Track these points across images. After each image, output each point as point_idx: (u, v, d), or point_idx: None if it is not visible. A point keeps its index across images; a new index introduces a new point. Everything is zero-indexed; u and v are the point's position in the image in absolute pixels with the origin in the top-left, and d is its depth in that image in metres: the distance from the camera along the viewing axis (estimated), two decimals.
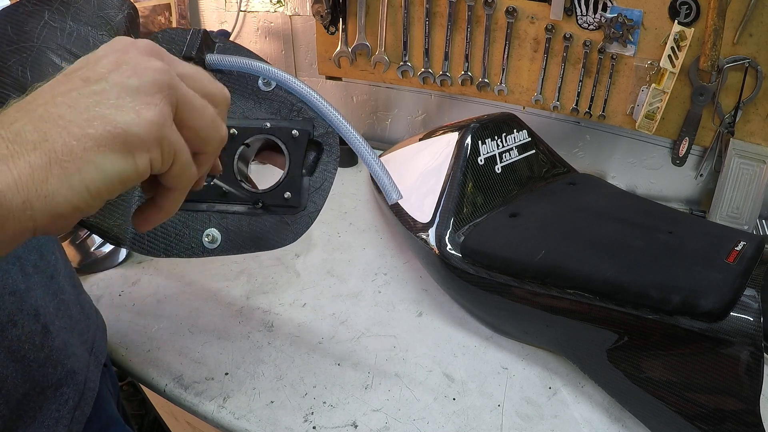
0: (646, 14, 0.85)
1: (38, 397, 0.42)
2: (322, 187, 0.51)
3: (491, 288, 0.62)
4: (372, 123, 1.25)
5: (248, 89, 0.51)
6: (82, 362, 0.48)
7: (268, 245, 0.50)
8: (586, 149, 1.06)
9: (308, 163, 0.51)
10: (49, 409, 0.43)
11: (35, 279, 0.44)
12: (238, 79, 0.51)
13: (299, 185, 0.50)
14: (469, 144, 0.74)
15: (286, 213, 0.50)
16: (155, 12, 1.23)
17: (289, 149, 0.50)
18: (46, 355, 0.43)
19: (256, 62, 0.50)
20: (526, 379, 0.61)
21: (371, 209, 0.96)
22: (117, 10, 0.50)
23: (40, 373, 0.42)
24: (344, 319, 0.69)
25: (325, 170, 0.52)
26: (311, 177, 0.51)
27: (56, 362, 0.44)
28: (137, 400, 1.24)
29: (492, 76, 1.01)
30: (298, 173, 0.50)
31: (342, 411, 0.56)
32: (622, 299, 0.52)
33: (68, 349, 0.46)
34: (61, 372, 0.44)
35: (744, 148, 0.89)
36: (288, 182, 0.50)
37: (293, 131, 0.50)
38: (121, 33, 0.49)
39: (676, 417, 0.48)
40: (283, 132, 0.51)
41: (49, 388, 0.43)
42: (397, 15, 1.01)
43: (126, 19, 0.50)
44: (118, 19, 0.49)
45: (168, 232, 0.49)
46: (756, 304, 0.46)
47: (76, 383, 0.46)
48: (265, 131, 0.50)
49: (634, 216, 0.65)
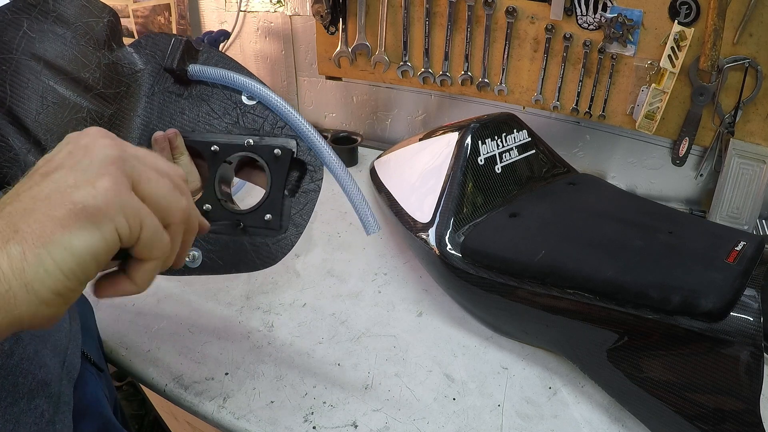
0: (646, 14, 0.85)
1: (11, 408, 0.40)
2: (304, 209, 0.49)
3: (491, 288, 0.62)
4: (372, 123, 1.25)
5: (231, 102, 0.49)
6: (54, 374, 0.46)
7: (249, 267, 0.48)
8: (586, 149, 1.06)
9: (291, 184, 0.49)
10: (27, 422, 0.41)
11: None
12: (221, 91, 0.50)
13: (280, 207, 0.48)
14: (469, 144, 0.74)
15: (266, 235, 0.48)
16: (155, 12, 1.23)
17: (271, 169, 0.48)
18: (16, 363, 0.41)
19: (238, 76, 0.48)
20: (526, 379, 0.61)
21: (371, 209, 0.96)
22: (97, 18, 0.48)
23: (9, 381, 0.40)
24: (344, 319, 0.69)
25: (309, 191, 0.49)
26: (293, 198, 0.49)
27: (26, 371, 0.42)
28: (137, 400, 1.24)
29: (492, 76, 1.01)
30: (280, 194, 0.48)
31: (342, 411, 0.56)
32: (622, 299, 0.52)
33: (40, 358, 0.44)
34: (32, 382, 0.42)
35: (744, 148, 0.89)
36: (269, 203, 0.48)
37: (275, 150, 0.48)
38: (103, 39, 0.48)
39: (676, 417, 0.48)
40: (265, 150, 0.48)
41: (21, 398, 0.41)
42: (397, 15, 1.01)
43: (106, 27, 0.49)
44: (99, 27, 0.48)
45: None
46: (756, 304, 0.46)
47: (49, 395, 0.44)
48: (247, 149, 0.48)
49: (634, 216, 0.65)
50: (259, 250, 0.48)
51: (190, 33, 1.27)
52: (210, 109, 0.49)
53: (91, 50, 0.47)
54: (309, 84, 1.27)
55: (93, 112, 0.47)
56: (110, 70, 0.48)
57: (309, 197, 0.49)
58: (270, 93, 0.47)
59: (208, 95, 0.50)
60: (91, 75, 0.47)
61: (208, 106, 0.49)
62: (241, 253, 0.48)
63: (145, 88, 0.50)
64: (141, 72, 0.50)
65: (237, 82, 0.48)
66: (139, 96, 0.50)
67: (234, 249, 0.48)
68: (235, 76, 0.47)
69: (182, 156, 0.49)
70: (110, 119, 0.48)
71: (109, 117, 0.48)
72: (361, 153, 1.16)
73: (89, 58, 0.47)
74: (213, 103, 0.50)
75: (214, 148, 0.48)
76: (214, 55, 0.50)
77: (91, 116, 0.47)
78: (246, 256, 0.48)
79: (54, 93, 0.45)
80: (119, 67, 0.49)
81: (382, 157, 1.03)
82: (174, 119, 0.49)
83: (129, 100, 0.49)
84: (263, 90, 0.47)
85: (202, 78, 0.49)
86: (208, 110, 0.50)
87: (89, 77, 0.47)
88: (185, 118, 0.50)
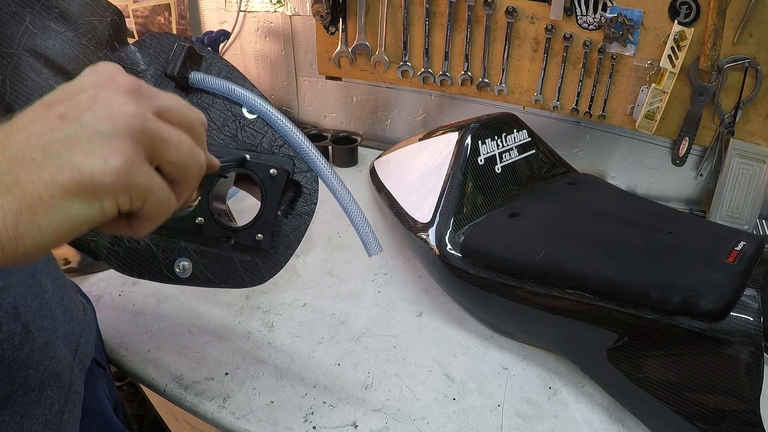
0: (646, 14, 0.85)
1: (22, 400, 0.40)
2: (296, 231, 0.49)
3: (491, 288, 0.62)
4: (372, 123, 1.25)
5: (231, 115, 0.49)
6: (65, 364, 0.47)
7: (237, 283, 0.48)
8: (586, 149, 1.06)
9: (285, 204, 0.49)
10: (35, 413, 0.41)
11: (15, 277, 0.43)
12: (222, 102, 0.49)
13: (272, 228, 0.48)
14: (469, 144, 0.74)
15: (256, 254, 0.48)
16: (155, 12, 1.23)
17: (265, 188, 0.48)
18: (27, 355, 0.42)
19: (239, 89, 0.47)
20: (526, 379, 0.61)
21: (371, 209, 0.96)
22: (101, 17, 0.47)
23: (20, 374, 0.41)
24: (344, 319, 0.69)
25: (302, 214, 0.49)
26: (286, 219, 0.49)
27: (38, 363, 0.43)
28: (137, 400, 1.24)
29: (492, 76, 1.01)
30: (273, 215, 0.48)
31: (342, 411, 0.56)
32: (622, 299, 0.52)
33: (51, 350, 0.45)
34: (43, 373, 0.43)
35: (744, 148, 0.89)
36: (261, 223, 0.47)
37: (272, 170, 0.47)
38: (105, 39, 0.47)
39: (676, 417, 0.48)
40: (261, 169, 0.47)
41: (32, 390, 0.41)
42: (397, 15, 1.01)
43: (109, 26, 0.48)
44: (102, 26, 0.47)
45: (142, 255, 0.47)
46: (756, 304, 0.46)
47: (60, 385, 0.45)
48: (244, 164, 0.48)
49: (634, 216, 0.65)
50: (249, 268, 0.48)
51: (190, 33, 1.27)
52: (209, 119, 0.48)
53: (93, 50, 0.47)
54: (309, 84, 1.27)
55: None
56: None
57: (302, 220, 0.49)
58: (271, 109, 0.47)
59: (208, 104, 0.49)
60: None
61: (208, 116, 0.48)
62: (231, 268, 0.48)
63: None
64: (143, 73, 0.49)
65: (237, 95, 0.47)
66: None
67: (223, 264, 0.48)
68: (235, 88, 0.46)
69: None
70: None
71: None
72: (361, 153, 1.16)
73: (90, 58, 0.46)
74: (212, 114, 0.49)
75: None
76: (217, 63, 0.49)
77: None
78: (235, 272, 0.48)
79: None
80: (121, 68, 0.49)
81: (382, 157, 1.03)
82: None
83: None
84: (264, 105, 0.46)
85: (202, 87, 0.48)
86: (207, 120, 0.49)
87: None
88: None
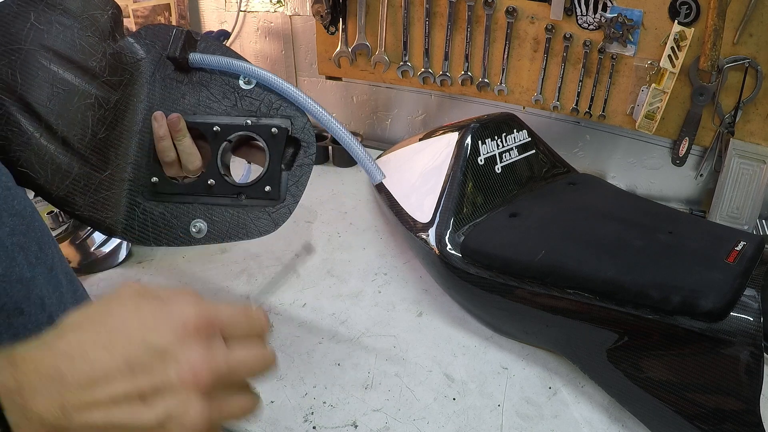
0: (646, 14, 0.85)
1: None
2: (300, 180, 0.54)
3: (491, 288, 0.62)
4: (372, 123, 1.25)
5: (229, 88, 0.54)
6: None
7: (251, 234, 0.53)
8: (586, 149, 1.06)
9: (287, 159, 0.54)
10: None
11: (39, 269, 0.45)
12: (220, 77, 0.54)
13: (278, 179, 0.53)
14: (469, 144, 0.74)
15: (267, 204, 0.53)
16: (155, 12, 1.23)
17: (269, 146, 0.53)
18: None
19: (236, 61, 0.52)
20: (526, 379, 0.61)
21: (371, 209, 0.96)
22: (102, 10, 0.52)
23: None
24: (344, 319, 0.69)
25: (303, 165, 0.54)
26: (290, 171, 0.54)
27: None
28: None
29: (492, 76, 1.01)
30: (277, 168, 0.53)
31: (342, 411, 0.56)
32: (622, 299, 0.52)
33: None
34: None
35: (744, 148, 0.89)
36: (268, 176, 0.53)
37: (273, 129, 0.53)
38: (107, 32, 0.52)
39: (676, 417, 0.48)
40: (263, 129, 0.53)
41: None
42: (397, 15, 1.01)
43: (111, 18, 0.52)
44: (104, 19, 0.52)
45: (157, 222, 0.52)
46: (756, 304, 0.46)
47: None
48: (247, 128, 0.53)
49: (634, 216, 0.65)
50: (260, 218, 0.53)
51: None
52: (210, 93, 0.54)
53: (97, 41, 0.51)
54: (309, 84, 1.27)
55: (100, 98, 0.51)
56: (114, 59, 0.52)
57: (303, 170, 0.54)
58: (267, 73, 0.52)
59: (207, 81, 0.54)
60: (98, 64, 0.51)
61: (208, 91, 0.54)
62: (244, 222, 0.53)
63: (147, 75, 0.54)
64: (143, 60, 0.54)
65: (236, 67, 0.52)
66: (141, 83, 0.54)
67: (237, 218, 0.53)
68: (234, 61, 0.52)
69: (184, 138, 0.52)
70: (116, 104, 0.52)
71: (115, 102, 0.52)
72: None
73: (95, 48, 0.51)
74: (212, 88, 0.54)
75: (216, 128, 0.53)
76: (212, 45, 0.55)
77: (98, 102, 0.51)
78: (248, 225, 0.53)
79: (63, 81, 0.48)
80: (123, 57, 0.53)
81: (382, 157, 1.03)
82: (176, 103, 0.54)
83: (133, 86, 0.54)
84: (261, 71, 0.52)
85: (203, 65, 0.53)
86: (207, 95, 0.54)
87: (96, 66, 0.51)
88: (186, 102, 0.54)
